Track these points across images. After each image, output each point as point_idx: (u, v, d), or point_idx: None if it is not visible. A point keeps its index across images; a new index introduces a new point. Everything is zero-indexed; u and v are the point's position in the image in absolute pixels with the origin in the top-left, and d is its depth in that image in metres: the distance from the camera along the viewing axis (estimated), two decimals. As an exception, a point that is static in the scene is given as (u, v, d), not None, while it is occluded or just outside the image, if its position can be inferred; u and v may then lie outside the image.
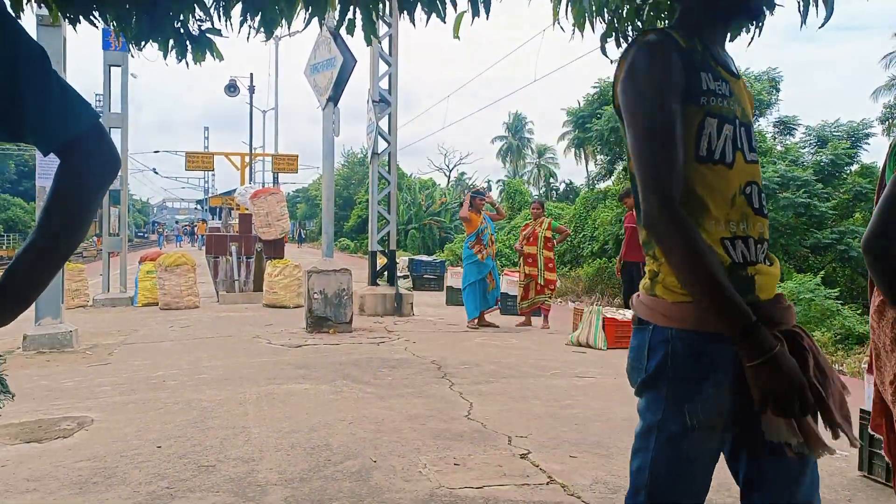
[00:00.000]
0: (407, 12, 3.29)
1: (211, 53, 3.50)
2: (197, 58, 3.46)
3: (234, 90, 32.86)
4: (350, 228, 45.97)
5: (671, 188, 1.39)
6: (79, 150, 1.13)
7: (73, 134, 1.13)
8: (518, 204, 29.38)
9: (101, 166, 1.16)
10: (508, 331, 9.46)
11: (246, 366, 6.49)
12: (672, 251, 1.39)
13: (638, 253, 9.64)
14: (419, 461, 3.75)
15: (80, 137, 1.13)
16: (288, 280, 12.45)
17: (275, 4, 3.18)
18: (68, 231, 1.14)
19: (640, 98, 1.45)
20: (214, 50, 3.49)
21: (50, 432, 4.30)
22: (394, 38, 11.35)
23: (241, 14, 3.20)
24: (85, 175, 1.14)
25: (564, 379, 6.13)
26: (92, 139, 1.15)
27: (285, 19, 3.26)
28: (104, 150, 1.17)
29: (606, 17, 3.66)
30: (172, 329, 9.32)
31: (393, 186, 11.81)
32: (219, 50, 3.50)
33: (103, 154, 1.16)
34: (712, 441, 1.45)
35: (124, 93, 12.53)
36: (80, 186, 1.13)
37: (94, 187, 1.15)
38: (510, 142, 63.02)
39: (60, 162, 1.13)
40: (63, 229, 1.13)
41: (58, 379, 5.95)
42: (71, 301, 11.81)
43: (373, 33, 3.26)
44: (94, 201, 1.16)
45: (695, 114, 1.46)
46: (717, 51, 1.57)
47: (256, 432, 4.26)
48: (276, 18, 3.23)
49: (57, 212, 1.12)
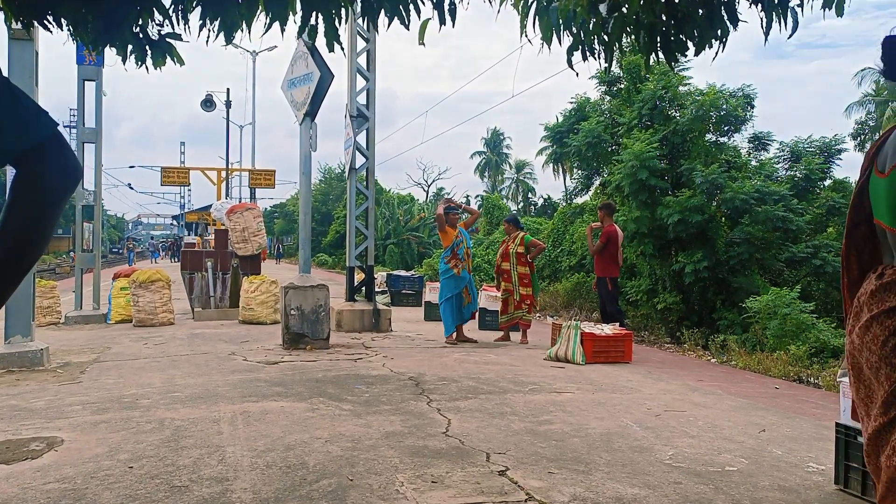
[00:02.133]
0: (370, 18, 3.30)
1: (171, 58, 3.47)
2: (157, 62, 3.43)
3: (211, 105, 32.77)
4: (328, 244, 45.81)
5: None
6: (36, 161, 1.09)
7: (28, 145, 1.09)
8: (497, 219, 29.45)
9: (58, 177, 1.12)
10: (487, 346, 9.43)
11: (221, 383, 6.40)
12: None
13: (610, 268, 9.70)
14: (396, 479, 3.71)
15: (35, 149, 1.10)
16: (264, 296, 12.34)
17: (234, 8, 3.16)
18: (26, 245, 1.10)
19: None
20: (175, 55, 3.46)
21: (18, 453, 4.19)
22: (371, 53, 11.37)
23: (199, 18, 3.16)
24: (41, 187, 1.10)
25: (543, 394, 6.11)
26: (49, 150, 1.11)
27: (245, 23, 3.24)
28: (62, 160, 1.13)
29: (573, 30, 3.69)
30: (146, 346, 9.19)
31: (371, 201, 11.78)
32: (179, 55, 3.47)
33: (61, 165, 1.12)
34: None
35: (98, 107, 12.40)
36: (37, 199, 1.09)
37: (51, 199, 1.11)
38: (488, 157, 63.34)
39: (16, 172, 1.09)
40: (20, 243, 1.09)
41: (27, 398, 5.83)
42: (42, 318, 11.61)
43: (335, 39, 3.25)
44: (52, 213, 1.11)
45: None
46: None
47: (231, 451, 4.20)
48: (236, 23, 3.21)
49: (13, 225, 1.08)
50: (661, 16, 3.59)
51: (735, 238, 12.95)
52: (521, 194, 58.04)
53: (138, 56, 3.31)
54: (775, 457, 4.37)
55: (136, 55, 3.31)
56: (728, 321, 12.40)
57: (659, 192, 13.48)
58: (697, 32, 3.57)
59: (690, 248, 13.01)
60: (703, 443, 4.64)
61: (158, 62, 3.38)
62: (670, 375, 7.60)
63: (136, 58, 3.32)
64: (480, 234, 31.62)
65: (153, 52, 3.34)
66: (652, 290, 14.15)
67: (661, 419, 5.29)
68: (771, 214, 12.38)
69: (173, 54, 3.40)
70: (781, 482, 3.86)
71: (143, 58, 3.33)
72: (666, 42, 3.68)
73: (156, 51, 3.34)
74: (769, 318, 10.63)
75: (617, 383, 6.83)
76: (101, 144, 12.40)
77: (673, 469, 4.02)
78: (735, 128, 14.62)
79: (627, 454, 4.30)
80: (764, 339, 10.56)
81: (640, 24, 3.58)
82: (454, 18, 3.21)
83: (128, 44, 3.25)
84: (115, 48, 3.28)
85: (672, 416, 5.44)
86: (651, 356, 9.56)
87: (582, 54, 3.79)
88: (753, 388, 7.35)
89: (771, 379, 8.14)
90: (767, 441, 4.76)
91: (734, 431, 5.00)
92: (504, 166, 63.34)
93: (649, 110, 14.32)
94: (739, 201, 12.58)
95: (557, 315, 15.92)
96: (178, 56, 3.43)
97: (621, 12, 3.53)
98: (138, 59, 3.32)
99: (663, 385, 6.92)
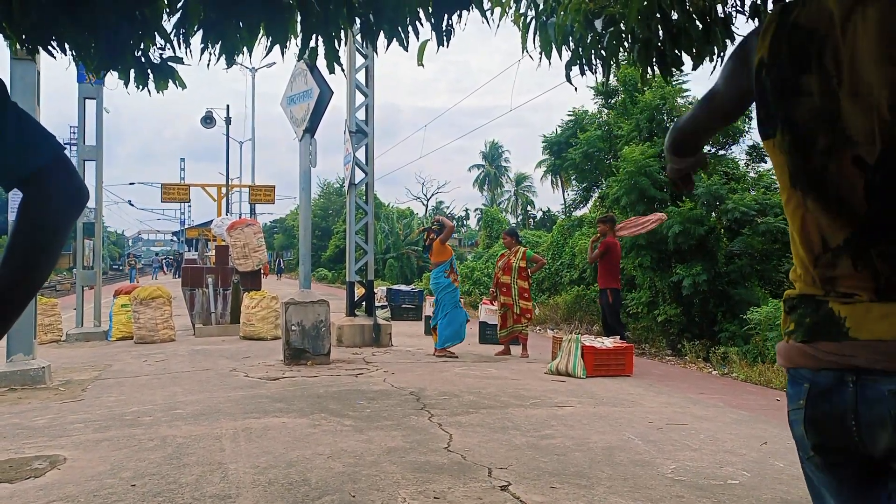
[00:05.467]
0: (369, 40, 3.34)
1: (174, 82, 3.50)
2: (160, 86, 3.46)
3: (211, 122, 32.91)
4: (327, 258, 45.80)
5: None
6: (41, 184, 1.10)
7: (34, 168, 1.10)
8: (496, 232, 29.51)
9: (65, 200, 1.12)
10: (487, 360, 9.43)
11: (223, 400, 6.40)
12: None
13: (611, 279, 9.72)
14: (398, 495, 3.71)
15: (41, 172, 1.10)
16: (265, 312, 12.35)
17: (236, 32, 3.19)
18: (32, 268, 1.10)
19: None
20: (177, 78, 3.50)
21: (21, 472, 4.20)
22: (370, 70, 11.45)
23: (201, 42, 3.20)
24: (48, 210, 1.10)
25: (544, 408, 6.11)
26: (54, 173, 1.12)
27: (246, 47, 3.28)
28: (68, 183, 1.13)
29: (571, 45, 3.73)
30: (147, 363, 9.19)
31: (370, 216, 11.82)
32: (181, 78, 3.51)
33: (67, 188, 1.13)
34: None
35: (99, 125, 12.46)
36: (44, 221, 1.10)
37: (58, 222, 1.11)
38: (487, 170, 63.40)
39: (22, 196, 1.10)
40: (27, 266, 1.10)
41: (29, 416, 5.83)
42: (43, 336, 11.61)
43: (335, 61, 3.30)
44: (59, 236, 1.12)
45: None
46: None
47: (233, 468, 4.20)
48: (237, 46, 3.24)
49: (20, 248, 1.09)
50: (657, 31, 3.62)
51: (735, 250, 12.96)
52: (521, 207, 58.07)
53: (140, 80, 3.35)
54: (777, 469, 4.37)
55: (137, 80, 3.34)
56: (729, 333, 12.38)
57: (657, 203, 13.50)
58: (694, 48, 3.60)
59: (690, 260, 13.02)
60: (706, 456, 4.64)
61: (161, 86, 3.40)
62: (672, 388, 7.60)
63: (137, 82, 3.35)
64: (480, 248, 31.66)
65: (155, 76, 3.37)
66: (652, 303, 14.14)
67: (662, 432, 5.29)
68: (771, 226, 12.39)
69: (175, 78, 3.44)
70: (784, 495, 3.86)
71: (145, 82, 3.36)
72: (661, 57, 3.71)
73: (158, 75, 3.37)
74: (770, 329, 10.62)
75: (618, 396, 6.83)
76: (101, 161, 12.46)
77: (675, 483, 4.02)
78: (733, 139, 14.67)
79: (629, 468, 4.30)
80: (765, 351, 10.55)
81: (636, 39, 3.62)
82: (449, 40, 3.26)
83: (130, 68, 3.28)
84: (116, 72, 3.31)
85: (674, 429, 5.44)
86: (652, 369, 9.56)
87: (580, 69, 3.83)
88: (755, 400, 7.35)
89: (773, 391, 8.13)
90: (770, 454, 4.76)
91: (736, 444, 5.00)
92: (503, 179, 63.41)
93: (647, 121, 14.37)
94: (740, 213, 12.60)
95: (558, 328, 15.91)
96: (181, 79, 3.46)
97: (617, 27, 3.56)
98: (140, 83, 3.35)
99: (665, 398, 6.92)
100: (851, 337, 1.19)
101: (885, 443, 1.15)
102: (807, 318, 1.28)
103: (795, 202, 1.29)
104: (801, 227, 1.29)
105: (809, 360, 1.26)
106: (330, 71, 3.32)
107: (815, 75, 1.23)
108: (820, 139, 1.23)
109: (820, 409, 1.24)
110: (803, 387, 1.27)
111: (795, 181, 1.29)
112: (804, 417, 1.27)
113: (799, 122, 1.26)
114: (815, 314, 1.26)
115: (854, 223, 1.20)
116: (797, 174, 1.28)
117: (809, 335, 1.27)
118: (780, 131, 1.30)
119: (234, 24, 3.14)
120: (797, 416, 1.29)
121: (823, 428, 1.24)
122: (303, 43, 3.20)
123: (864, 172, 1.18)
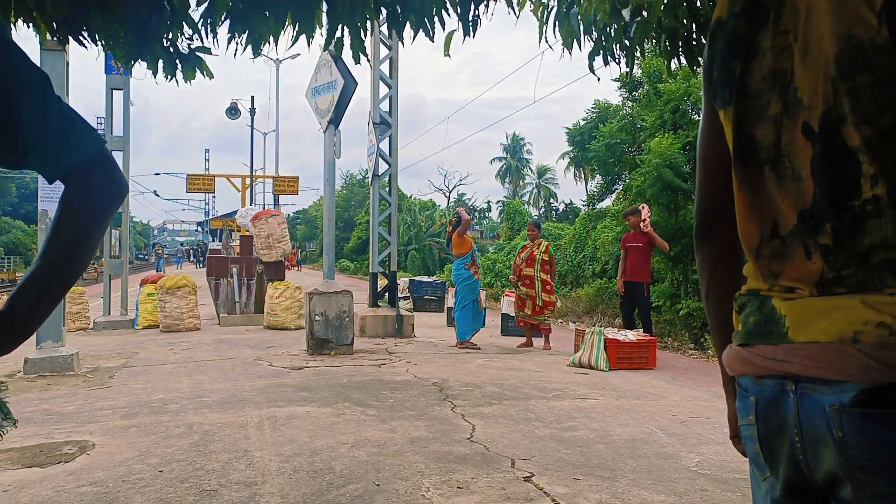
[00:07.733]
0: (396, 30, 3.34)
1: (201, 72, 3.53)
2: (187, 76, 3.49)
3: (235, 113, 33.14)
4: (350, 249, 45.97)
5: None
6: (82, 178, 1.12)
7: (77, 162, 1.12)
8: (518, 224, 29.43)
9: (105, 194, 1.14)
10: (510, 352, 9.43)
11: (247, 389, 6.46)
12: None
13: (641, 273, 9.64)
14: (422, 485, 3.73)
15: (84, 166, 1.12)
16: (289, 302, 12.44)
17: (262, 21, 3.21)
18: (71, 260, 1.12)
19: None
20: (205, 68, 3.52)
21: (51, 457, 4.28)
22: (394, 61, 11.44)
23: (228, 31, 3.22)
24: (88, 203, 1.12)
25: (567, 401, 6.11)
26: (96, 167, 1.13)
27: (272, 36, 3.29)
28: (108, 178, 1.15)
29: (594, 35, 3.70)
30: (173, 352, 9.30)
31: (394, 208, 11.83)
32: (209, 68, 3.53)
33: (107, 182, 1.15)
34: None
35: (126, 116, 12.60)
36: (84, 215, 1.12)
37: (97, 216, 1.13)
38: (509, 162, 63.24)
39: (64, 189, 1.12)
40: (66, 258, 1.12)
41: (59, 403, 5.93)
42: (72, 324, 11.79)
43: (361, 51, 3.30)
44: (97, 230, 1.14)
45: None
46: None
47: (258, 456, 4.24)
48: (263, 35, 3.26)
49: (60, 240, 1.11)
50: (683, 20, 3.59)
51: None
52: (543, 199, 57.88)
53: (169, 70, 3.38)
54: (803, 464, 4.33)
55: (166, 69, 3.37)
56: (753, 327, 12.26)
57: (681, 194, 13.38)
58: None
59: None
60: (730, 449, 4.60)
61: (189, 76, 3.44)
62: (695, 382, 7.55)
63: (166, 72, 3.38)
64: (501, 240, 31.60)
65: (183, 66, 3.41)
66: (674, 296, 14.04)
67: (686, 426, 5.27)
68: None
69: (203, 68, 3.47)
70: (809, 489, 3.82)
71: (173, 72, 3.39)
72: (688, 46, 3.68)
73: (186, 65, 3.41)
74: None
75: (641, 390, 6.80)
76: (128, 152, 12.58)
77: (699, 476, 4.00)
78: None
79: (653, 461, 4.29)
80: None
81: (663, 29, 3.59)
82: (476, 30, 3.25)
83: (158, 58, 3.32)
84: (145, 62, 3.34)
85: (698, 422, 5.41)
86: (675, 362, 9.50)
87: (603, 59, 3.80)
88: (780, 394, 7.28)
89: (798, 385, 8.05)
90: (795, 448, 4.71)
91: (761, 438, 4.96)
92: (525, 171, 63.22)
93: (671, 113, 14.23)
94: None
95: (580, 321, 15.85)
96: (208, 69, 3.49)
97: (643, 17, 3.53)
98: (169, 72, 3.39)
99: (688, 391, 6.88)
100: (789, 339, 1.01)
101: (827, 465, 0.96)
102: (750, 318, 1.10)
103: (741, 181, 1.12)
104: (747, 210, 1.11)
105: (747, 367, 1.09)
106: (356, 61, 3.33)
107: (770, 31, 1.06)
108: (772, 105, 1.06)
109: (772, 424, 1.04)
110: (749, 399, 1.08)
111: (744, 156, 1.11)
112: (757, 436, 1.07)
113: (752, 85, 1.09)
114: (759, 313, 1.08)
115: (800, 205, 1.03)
116: (746, 148, 1.11)
117: (748, 337, 1.09)
118: (733, 98, 1.12)
119: (260, 14, 3.16)
120: (749, 432, 1.09)
121: (779, 449, 1.04)
122: (329, 33, 3.21)
123: (812, 142, 1.00)
